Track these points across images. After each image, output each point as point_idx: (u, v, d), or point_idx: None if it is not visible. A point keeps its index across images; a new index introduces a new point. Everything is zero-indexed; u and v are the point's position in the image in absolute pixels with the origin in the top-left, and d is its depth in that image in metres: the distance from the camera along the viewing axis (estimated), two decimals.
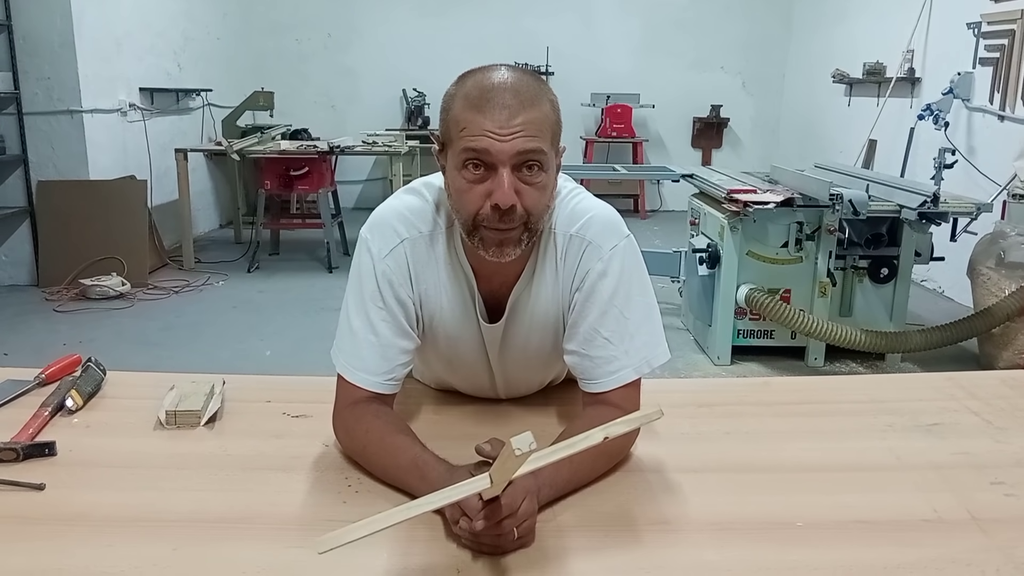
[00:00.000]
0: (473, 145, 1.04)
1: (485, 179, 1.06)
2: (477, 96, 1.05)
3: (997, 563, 0.92)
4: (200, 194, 6.56)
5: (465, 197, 1.08)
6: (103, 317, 4.49)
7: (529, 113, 1.05)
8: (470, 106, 1.05)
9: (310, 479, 1.12)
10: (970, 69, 4.90)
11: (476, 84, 1.07)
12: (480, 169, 1.06)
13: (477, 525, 0.90)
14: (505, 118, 1.03)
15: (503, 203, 1.05)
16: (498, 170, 1.05)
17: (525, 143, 1.04)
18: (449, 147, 1.10)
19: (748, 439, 1.27)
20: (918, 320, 4.16)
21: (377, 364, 1.16)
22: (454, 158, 1.08)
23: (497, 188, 1.05)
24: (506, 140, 1.03)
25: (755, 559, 0.94)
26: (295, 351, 3.96)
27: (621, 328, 1.17)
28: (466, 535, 0.93)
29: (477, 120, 1.04)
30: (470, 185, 1.07)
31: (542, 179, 1.08)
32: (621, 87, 7.82)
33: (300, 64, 7.89)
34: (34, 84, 4.89)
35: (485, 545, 0.93)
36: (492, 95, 1.05)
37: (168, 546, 0.94)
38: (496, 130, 1.03)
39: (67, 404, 1.29)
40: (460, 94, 1.08)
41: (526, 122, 1.04)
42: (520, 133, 1.04)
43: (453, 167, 1.09)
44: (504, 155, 1.04)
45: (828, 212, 3.53)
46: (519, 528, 0.93)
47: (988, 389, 1.45)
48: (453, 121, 1.07)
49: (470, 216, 1.08)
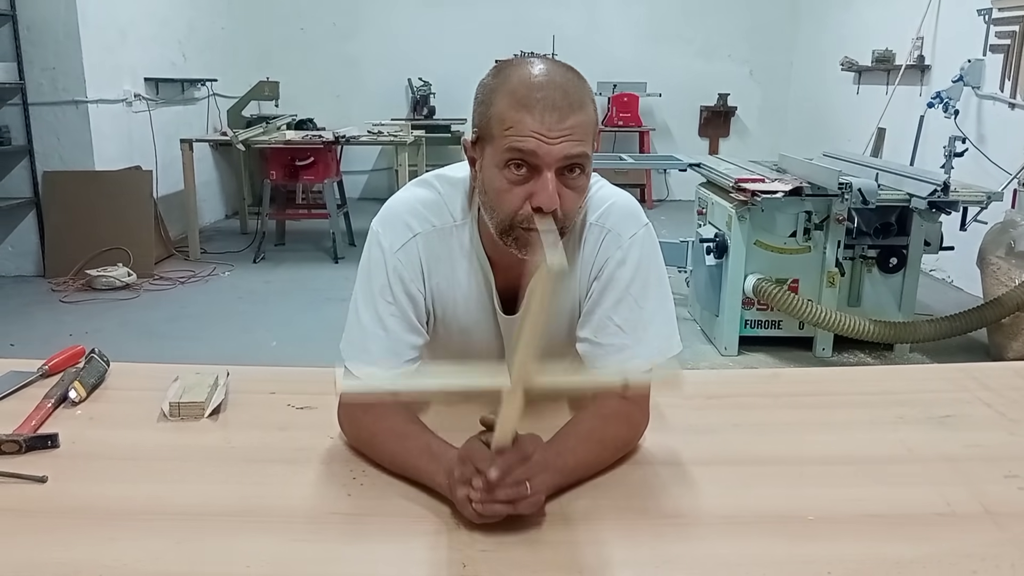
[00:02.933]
0: (520, 146, 1.01)
1: (527, 180, 1.03)
2: (524, 94, 1.01)
3: (1012, 558, 0.90)
4: (206, 184, 6.56)
5: (504, 197, 1.05)
6: (109, 308, 4.50)
7: (578, 116, 1.02)
8: (517, 104, 1.01)
9: (315, 471, 1.11)
10: (980, 56, 4.85)
11: (522, 80, 1.03)
12: (523, 170, 1.03)
13: (492, 474, 0.89)
14: (555, 120, 1.00)
15: (547, 207, 1.02)
16: (542, 172, 1.02)
17: (572, 147, 1.01)
18: (489, 143, 1.05)
19: (757, 431, 1.26)
20: (927, 310, 4.13)
21: (385, 359, 1.15)
22: (495, 156, 1.04)
23: (540, 191, 1.02)
24: (555, 143, 1.00)
25: (766, 553, 0.92)
26: (301, 342, 3.95)
27: (635, 317, 1.15)
28: (479, 494, 0.91)
29: (525, 120, 1.00)
30: (511, 186, 1.04)
31: (582, 183, 1.07)
32: (627, 76, 7.77)
33: (305, 53, 7.87)
34: (39, 74, 4.89)
35: (499, 505, 0.91)
36: (541, 94, 1.01)
37: (171, 539, 0.94)
38: (545, 132, 1.00)
39: (70, 396, 1.28)
40: (505, 89, 1.03)
41: (575, 126, 1.01)
42: (568, 137, 1.01)
43: (493, 165, 1.05)
44: (551, 158, 1.01)
45: (837, 201, 3.50)
46: (532, 483, 0.92)
47: (1001, 380, 1.43)
48: (496, 117, 1.03)
49: (507, 216, 1.06)
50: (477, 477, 0.92)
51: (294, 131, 5.88)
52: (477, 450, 0.95)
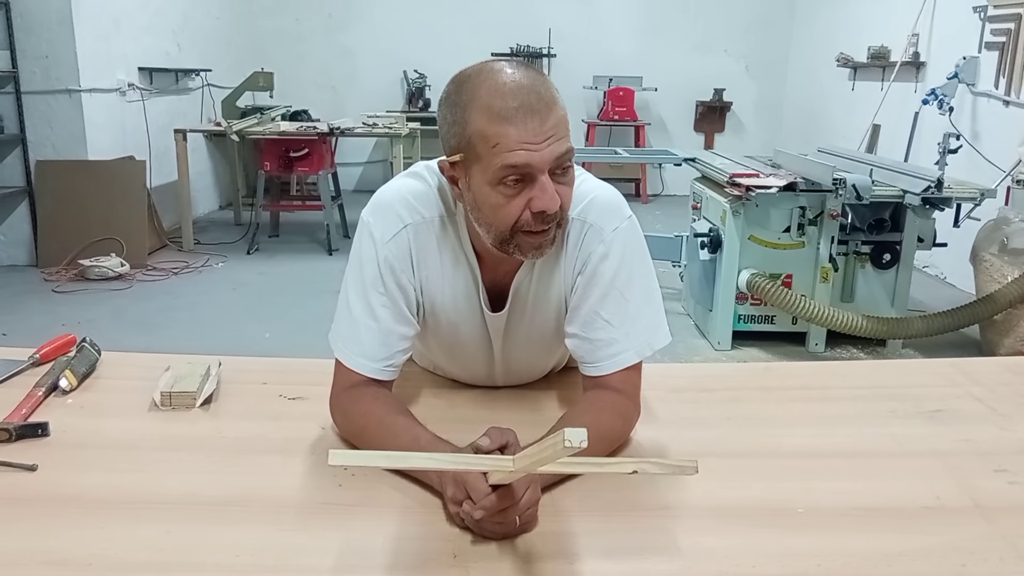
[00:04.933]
0: (512, 161, 1.00)
1: (522, 189, 1.03)
2: (501, 106, 0.99)
3: (1001, 551, 0.91)
4: (199, 175, 6.53)
5: (503, 212, 1.04)
6: (102, 298, 4.48)
7: (555, 113, 1.01)
8: (496, 118, 0.99)
9: (307, 462, 1.11)
10: (975, 53, 4.86)
11: (493, 92, 1.01)
12: (518, 182, 1.02)
13: (476, 514, 0.89)
14: (537, 125, 0.99)
15: (551, 209, 1.02)
16: (537, 178, 1.02)
17: (559, 146, 1.01)
18: (475, 163, 1.03)
19: (749, 424, 1.26)
20: (920, 306, 4.14)
21: (376, 350, 1.15)
22: (486, 175, 1.02)
23: (540, 194, 1.02)
24: (543, 148, 1.00)
25: (755, 545, 0.92)
26: (294, 334, 3.94)
27: (622, 311, 1.15)
28: (468, 519, 0.91)
29: (509, 132, 0.99)
30: (507, 200, 1.03)
31: (571, 176, 1.07)
32: (623, 70, 7.76)
33: (300, 44, 7.83)
34: (32, 63, 4.85)
35: (486, 530, 0.92)
36: (516, 103, 0.99)
37: (162, 528, 0.93)
38: (531, 139, 0.99)
39: (61, 384, 1.28)
40: (477, 105, 1.01)
41: (555, 124, 1.01)
42: (553, 137, 1.01)
43: (484, 183, 1.03)
44: (544, 163, 1.01)
45: (831, 197, 3.50)
46: (522, 517, 0.92)
47: (991, 376, 1.44)
48: (478, 136, 1.01)
49: (507, 227, 1.05)
50: (468, 502, 0.91)
51: (288, 122, 5.85)
52: (471, 480, 0.91)
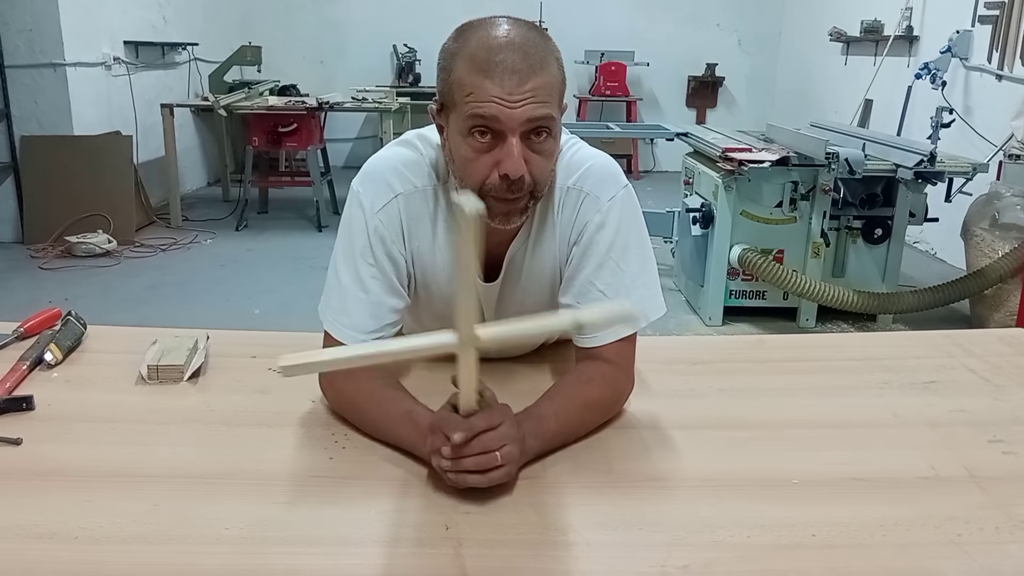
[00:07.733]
0: (481, 111, 0.98)
1: (492, 147, 1.01)
2: (484, 58, 0.98)
3: (996, 520, 0.90)
4: (187, 151, 6.46)
5: (471, 166, 1.03)
6: (89, 275, 4.44)
7: (539, 77, 0.99)
8: (476, 69, 0.98)
9: (296, 435, 1.10)
10: (969, 27, 4.83)
11: (481, 43, 1.00)
12: (487, 136, 1.00)
13: (456, 437, 0.89)
14: (515, 84, 0.97)
15: (513, 173, 1.00)
16: (507, 138, 1.00)
17: (535, 110, 0.99)
18: (452, 110, 1.03)
19: (742, 396, 1.25)
20: (910, 282, 4.15)
21: (366, 322, 1.13)
22: (458, 123, 1.02)
23: (506, 157, 1.00)
24: (516, 107, 0.98)
25: (750, 515, 0.92)
26: (284, 310, 3.93)
27: (617, 281, 1.14)
28: (448, 460, 0.91)
29: (484, 85, 0.98)
30: (476, 154, 1.01)
31: (550, 145, 1.04)
32: (615, 44, 7.70)
33: (288, 18, 7.73)
34: (15, 36, 4.77)
35: (468, 470, 0.91)
36: (500, 57, 0.98)
37: (149, 502, 0.92)
38: (505, 96, 0.97)
39: (46, 358, 1.26)
40: (463, 54, 1.01)
41: (536, 88, 0.98)
42: (530, 99, 0.98)
43: (457, 132, 1.03)
44: (514, 122, 0.98)
45: (824, 171, 3.49)
46: (501, 452, 0.91)
47: (986, 346, 1.43)
48: (457, 84, 1.00)
49: (475, 186, 1.03)
50: (446, 445, 0.90)
51: (277, 97, 5.79)
52: (446, 418, 0.93)
